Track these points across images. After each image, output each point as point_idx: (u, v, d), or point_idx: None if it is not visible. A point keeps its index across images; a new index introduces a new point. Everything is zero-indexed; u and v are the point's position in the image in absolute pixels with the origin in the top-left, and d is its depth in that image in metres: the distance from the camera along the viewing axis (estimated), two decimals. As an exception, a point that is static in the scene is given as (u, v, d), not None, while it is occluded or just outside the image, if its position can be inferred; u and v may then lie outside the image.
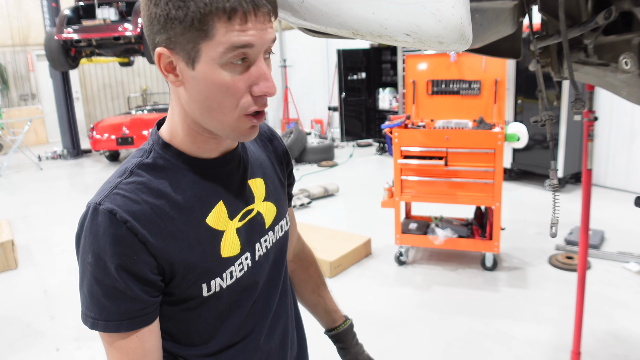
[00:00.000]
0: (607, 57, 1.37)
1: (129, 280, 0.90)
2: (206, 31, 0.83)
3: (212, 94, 0.89)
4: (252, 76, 0.88)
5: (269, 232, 1.14)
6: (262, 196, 1.13)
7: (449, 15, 0.77)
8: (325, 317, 1.46)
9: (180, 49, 0.87)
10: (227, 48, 0.84)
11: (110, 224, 0.88)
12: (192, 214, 0.97)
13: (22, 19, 13.41)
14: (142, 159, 0.97)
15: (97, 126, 9.52)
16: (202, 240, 0.98)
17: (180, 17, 0.83)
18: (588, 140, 2.66)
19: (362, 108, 9.70)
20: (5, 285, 4.59)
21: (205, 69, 0.87)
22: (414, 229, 4.49)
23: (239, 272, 1.05)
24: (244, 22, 0.83)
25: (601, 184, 6.62)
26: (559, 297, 3.82)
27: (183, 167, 0.99)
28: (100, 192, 0.93)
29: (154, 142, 1.00)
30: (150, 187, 0.94)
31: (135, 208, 0.90)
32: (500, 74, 4.36)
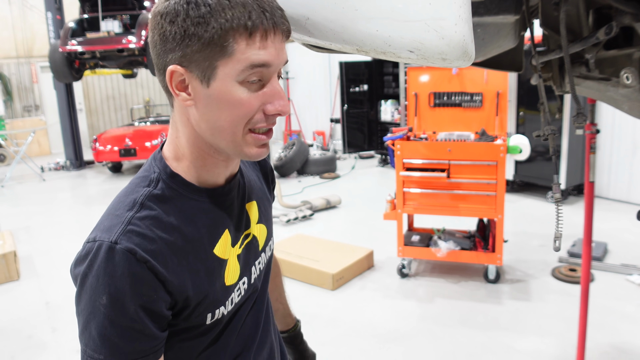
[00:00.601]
0: (609, 72, 1.38)
1: (147, 320, 0.87)
2: (225, 48, 0.83)
3: (224, 112, 0.88)
4: (267, 95, 0.89)
5: (261, 254, 1.15)
6: (256, 219, 1.14)
7: (452, 32, 0.78)
8: (282, 321, 1.52)
9: (195, 67, 0.86)
10: (246, 66, 0.85)
11: (130, 265, 0.85)
12: (201, 246, 0.96)
13: (26, 31, 13.52)
14: (151, 190, 0.95)
15: (100, 137, 9.56)
16: (212, 272, 0.98)
17: (199, 33, 0.83)
18: (590, 153, 2.66)
19: (364, 120, 9.73)
20: (7, 296, 4.59)
21: (220, 87, 0.86)
22: (416, 241, 4.49)
23: (237, 297, 1.05)
24: (264, 39, 0.84)
25: (603, 196, 6.61)
26: (562, 310, 3.80)
27: (191, 197, 0.97)
28: (111, 227, 0.89)
29: (161, 170, 0.98)
30: (162, 222, 0.92)
31: (152, 247, 0.88)
32: (502, 86, 4.38)
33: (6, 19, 13.29)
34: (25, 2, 13.37)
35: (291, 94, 12.56)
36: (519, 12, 1.48)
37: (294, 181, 8.68)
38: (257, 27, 0.83)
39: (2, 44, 13.33)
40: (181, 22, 0.83)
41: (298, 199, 7.25)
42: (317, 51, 1.17)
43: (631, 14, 1.22)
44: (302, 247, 4.94)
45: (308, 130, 12.67)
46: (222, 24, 0.82)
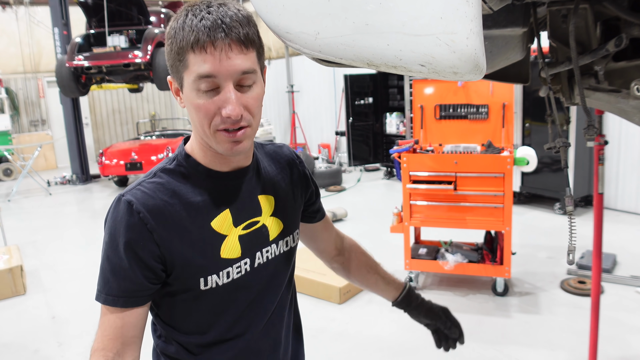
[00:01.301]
0: (618, 83, 1.37)
1: (132, 261, 1.07)
2: (184, 62, 1.03)
3: (193, 115, 1.07)
4: (220, 101, 1.04)
5: (272, 245, 1.26)
6: (269, 211, 1.26)
7: (463, 46, 0.77)
8: (386, 290, 1.62)
9: (175, 77, 1.08)
10: (195, 77, 1.02)
11: (127, 212, 1.07)
12: (199, 216, 1.13)
13: (33, 47, 13.64)
14: (166, 165, 1.17)
15: (106, 152, 9.60)
16: (204, 240, 1.14)
17: (169, 50, 1.05)
18: (599, 164, 2.65)
19: (369, 132, 9.73)
20: (14, 311, 4.58)
21: (186, 93, 1.06)
22: (423, 254, 4.46)
23: (236, 274, 1.18)
24: (203, 52, 1.00)
25: (611, 207, 6.57)
26: (572, 323, 3.76)
27: (198, 176, 1.16)
28: (129, 187, 1.13)
29: (179, 152, 1.19)
30: (167, 188, 1.12)
31: (150, 202, 1.09)
32: (508, 98, 4.37)
33: (14, 34, 13.42)
34: (32, 18, 13.51)
35: (296, 107, 12.60)
36: (526, 24, 1.48)
37: (299, 194, 8.66)
38: (196, 43, 1.00)
39: (10, 60, 13.45)
40: (167, 41, 1.06)
41: (304, 211, 7.23)
42: (327, 65, 1.17)
43: (640, 26, 1.22)
44: (309, 260, 4.91)
45: (313, 143, 12.68)
46: (178, 42, 1.02)
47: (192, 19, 1.01)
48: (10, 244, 5.81)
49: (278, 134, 13.76)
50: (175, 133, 11.21)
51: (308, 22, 0.92)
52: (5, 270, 4.79)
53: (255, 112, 1.09)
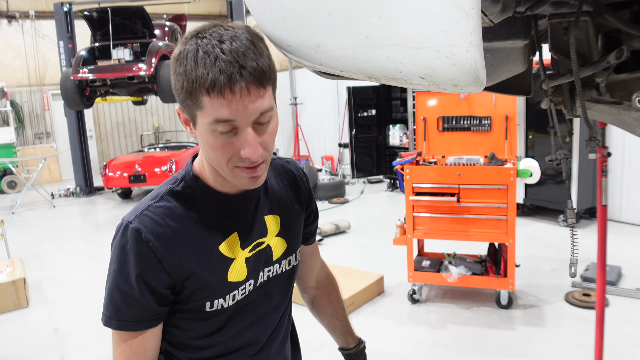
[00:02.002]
0: (620, 95, 1.37)
1: (144, 291, 1.06)
2: (198, 102, 0.96)
3: (208, 151, 1.04)
4: (239, 141, 1.00)
5: (275, 264, 1.26)
6: (275, 231, 1.25)
7: (463, 58, 0.77)
8: (342, 338, 1.61)
9: (186, 112, 1.03)
10: (212, 120, 0.97)
11: (136, 241, 1.05)
12: (207, 240, 1.12)
13: (39, 60, 13.74)
14: (173, 187, 1.14)
15: (110, 164, 9.62)
16: (213, 264, 1.12)
17: (180, 87, 0.98)
18: (602, 176, 2.64)
19: (372, 144, 9.74)
20: (17, 324, 4.57)
21: (201, 131, 1.01)
22: (427, 266, 4.45)
23: (240, 295, 1.18)
24: (221, 97, 0.94)
25: (616, 219, 6.54)
26: (577, 336, 3.73)
27: (207, 199, 1.14)
28: (134, 211, 1.10)
29: (186, 172, 1.16)
30: (175, 213, 1.10)
31: (159, 230, 1.06)
32: (511, 110, 4.38)
33: (19, 48, 13.53)
34: (38, 31, 13.63)
35: (299, 119, 12.63)
36: (527, 37, 1.49)
37: (302, 206, 8.66)
38: (212, 87, 0.93)
39: (15, 73, 13.55)
40: (173, 75, 1.00)
41: (307, 224, 7.22)
42: (327, 78, 1.18)
43: (641, 38, 1.22)
44: (312, 272, 4.90)
45: (317, 155, 12.70)
46: (191, 83, 0.95)
47: (205, 59, 0.93)
48: (14, 257, 5.82)
49: (281, 145, 13.79)
50: (179, 145, 11.24)
51: (309, 35, 0.93)
52: (8, 283, 4.79)
53: (270, 147, 1.06)
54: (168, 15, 11.95)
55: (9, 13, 13.30)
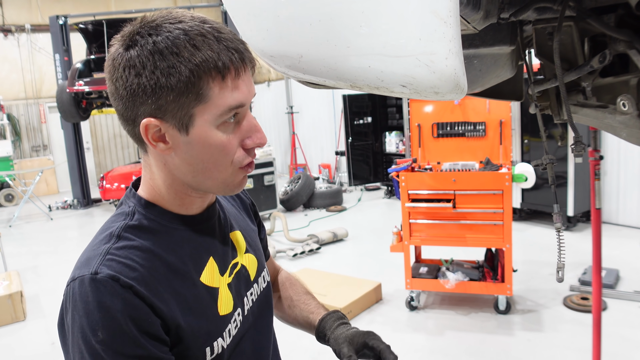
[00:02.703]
0: (606, 99, 1.38)
1: (150, 345, 0.83)
2: (200, 94, 0.83)
3: (207, 156, 0.88)
4: (244, 130, 0.91)
5: (254, 285, 1.13)
6: (243, 248, 1.12)
7: (443, 66, 0.78)
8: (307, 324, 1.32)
9: (170, 117, 0.85)
10: (224, 110, 0.86)
11: (116, 291, 0.82)
12: (187, 274, 0.93)
13: (35, 73, 13.78)
14: (127, 222, 0.92)
15: (107, 176, 9.63)
16: (201, 300, 0.95)
17: (172, 84, 0.82)
18: (595, 179, 2.65)
19: (369, 152, 9.76)
20: (14, 337, 4.56)
21: (200, 133, 0.86)
22: (424, 273, 4.44)
23: (234, 329, 1.02)
24: (236, 79, 0.85)
25: (613, 222, 6.55)
26: (576, 340, 3.72)
27: (170, 226, 0.95)
28: (89, 261, 0.86)
29: (135, 204, 0.96)
30: (143, 251, 0.89)
31: (134, 274, 0.85)
32: (505, 115, 4.39)
33: (15, 61, 13.57)
34: (34, 45, 13.67)
35: (296, 128, 12.65)
36: (514, 42, 1.50)
37: (300, 215, 8.67)
38: (228, 68, 0.84)
39: (12, 86, 13.58)
40: (149, 74, 0.82)
41: (305, 232, 7.23)
42: (312, 87, 1.18)
43: (625, 42, 1.23)
44: (309, 281, 4.90)
45: (313, 164, 12.71)
46: (193, 70, 0.81)
47: (206, 40, 0.83)
48: (11, 270, 5.80)
49: (278, 155, 13.80)
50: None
51: (291, 45, 0.93)
52: (4, 297, 4.78)
53: None
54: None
55: (4, 27, 13.35)
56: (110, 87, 0.89)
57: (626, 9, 1.29)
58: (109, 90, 0.90)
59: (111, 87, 0.88)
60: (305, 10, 0.87)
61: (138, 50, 0.83)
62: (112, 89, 0.88)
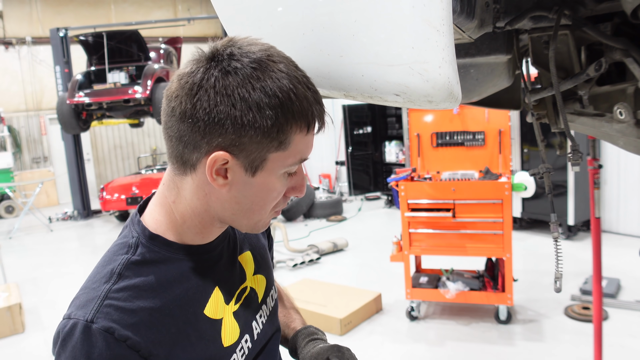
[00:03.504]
0: (603, 107, 1.38)
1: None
2: (282, 141, 0.81)
3: (259, 199, 0.87)
4: (294, 181, 0.91)
5: (262, 307, 1.09)
6: (252, 270, 1.09)
7: (436, 75, 0.78)
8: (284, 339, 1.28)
9: (245, 156, 0.82)
10: (295, 161, 0.85)
11: (109, 346, 0.78)
12: (190, 308, 0.90)
13: (35, 85, 13.82)
14: (130, 257, 0.88)
15: (107, 187, 9.62)
16: (203, 335, 0.91)
17: (262, 125, 0.79)
18: (594, 188, 2.65)
19: (369, 162, 9.76)
20: (12, 350, 4.53)
21: (265, 177, 0.85)
22: (424, 282, 4.42)
23: (241, 357, 0.99)
24: (312, 134, 0.86)
25: (613, 231, 6.53)
26: (577, 350, 3.70)
27: (175, 257, 0.91)
28: (87, 303, 0.83)
29: (139, 234, 0.92)
30: (144, 290, 0.85)
31: (133, 320, 0.81)
32: (504, 124, 4.39)
33: (16, 73, 13.62)
34: (34, 57, 13.72)
35: (296, 138, 12.64)
36: (510, 51, 1.50)
37: (300, 225, 8.65)
38: (314, 121, 0.83)
39: (12, 98, 13.61)
40: (246, 110, 0.78)
41: (305, 242, 7.21)
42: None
43: (621, 50, 1.23)
44: (309, 291, 4.88)
45: (314, 174, 12.70)
46: (288, 119, 0.80)
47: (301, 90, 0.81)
48: (10, 282, 5.78)
49: (279, 165, 13.77)
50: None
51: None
52: (4, 309, 4.76)
53: None
54: (163, 38, 12.05)
55: (5, 39, 13.41)
56: (182, 104, 0.81)
57: (622, 17, 1.29)
58: (176, 105, 0.83)
59: (185, 105, 0.81)
60: (299, 19, 0.87)
61: (239, 81, 0.79)
62: (185, 107, 0.81)
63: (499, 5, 1.21)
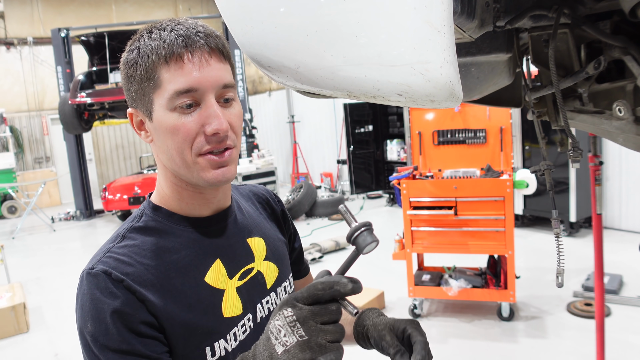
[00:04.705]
0: (603, 105, 1.39)
1: (136, 342, 0.85)
2: (154, 80, 0.90)
3: (168, 141, 0.92)
4: (202, 117, 0.91)
5: (270, 294, 1.11)
6: (262, 255, 1.11)
7: (438, 74, 0.79)
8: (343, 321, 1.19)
9: (141, 105, 0.94)
10: (172, 94, 0.90)
11: (107, 285, 0.87)
12: (189, 272, 0.96)
13: (37, 85, 13.85)
14: (134, 224, 0.99)
15: (110, 187, 9.65)
16: (202, 300, 0.96)
17: (134, 73, 0.92)
18: (596, 185, 2.66)
19: (370, 160, 9.77)
20: (17, 349, 4.55)
21: (158, 118, 0.92)
22: (427, 280, 4.44)
23: (242, 334, 1.01)
24: (180, 62, 0.89)
25: (615, 227, 6.54)
26: (580, 347, 3.71)
27: (176, 227, 0.99)
28: (92, 259, 0.93)
29: (145, 206, 1.02)
30: (144, 249, 0.94)
31: (129, 269, 0.90)
32: (505, 121, 4.40)
33: (18, 74, 13.65)
34: (36, 57, 13.75)
35: (297, 137, 12.68)
36: (510, 50, 1.51)
37: (302, 223, 8.67)
38: (170, 53, 0.89)
39: (14, 99, 13.65)
40: (125, 68, 0.94)
41: (307, 241, 7.22)
42: (311, 97, 1.20)
43: (620, 48, 1.24)
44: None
45: (315, 173, 12.72)
46: (146, 60, 0.90)
47: (160, 33, 0.91)
48: (14, 282, 5.81)
49: (280, 164, 13.82)
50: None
51: (289, 56, 0.95)
52: (8, 308, 4.78)
53: (238, 132, 0.97)
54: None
55: (7, 40, 13.44)
56: None
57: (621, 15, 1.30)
58: None
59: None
60: (302, 21, 0.89)
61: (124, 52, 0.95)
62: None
63: (499, 4, 1.22)
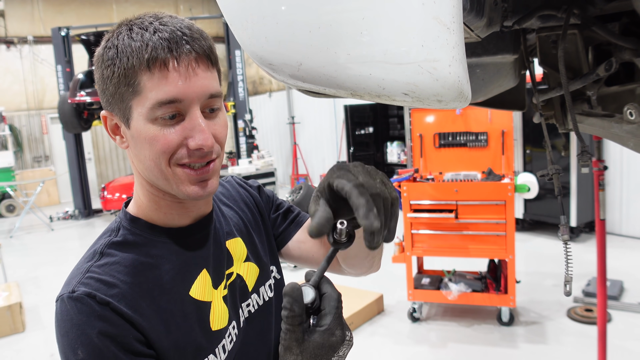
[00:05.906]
0: (612, 108, 1.36)
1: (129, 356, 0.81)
2: (134, 86, 0.82)
3: (146, 150, 0.85)
4: (186, 129, 0.84)
5: (252, 295, 1.05)
6: (242, 257, 1.05)
7: (446, 73, 0.76)
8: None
9: (117, 109, 0.86)
10: (153, 104, 0.82)
11: (93, 309, 0.80)
12: (173, 288, 0.90)
13: (37, 84, 13.81)
14: (111, 238, 0.91)
15: (108, 186, 9.61)
16: (189, 316, 0.90)
17: (110, 75, 0.83)
18: (599, 190, 2.62)
19: (370, 162, 9.73)
20: (12, 349, 4.52)
21: (136, 126, 0.84)
22: (426, 284, 4.40)
23: (229, 344, 0.96)
24: (164, 70, 0.81)
25: (616, 232, 6.50)
26: (580, 353, 3.67)
27: (157, 240, 0.92)
28: (71, 281, 0.85)
29: (122, 218, 0.95)
30: (125, 266, 0.87)
31: (113, 291, 0.83)
32: (507, 125, 4.37)
33: (18, 72, 13.61)
34: (36, 56, 13.71)
35: (297, 138, 12.65)
36: (517, 51, 1.48)
37: (301, 225, 8.62)
38: (154, 58, 0.80)
39: (14, 97, 13.60)
40: (100, 66, 0.85)
41: (306, 243, 7.18)
42: (313, 96, 1.16)
43: (631, 50, 1.21)
44: (311, 292, 4.85)
45: (315, 174, 12.68)
46: (125, 62, 0.81)
47: (142, 33, 0.81)
48: (11, 281, 5.77)
49: (279, 165, 13.78)
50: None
51: (291, 53, 0.91)
52: (4, 308, 4.75)
53: (223, 142, 0.91)
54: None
55: (7, 38, 13.40)
56: None
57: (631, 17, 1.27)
58: None
59: None
60: (305, 17, 0.85)
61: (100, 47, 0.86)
62: None
63: (507, 4, 1.19)
